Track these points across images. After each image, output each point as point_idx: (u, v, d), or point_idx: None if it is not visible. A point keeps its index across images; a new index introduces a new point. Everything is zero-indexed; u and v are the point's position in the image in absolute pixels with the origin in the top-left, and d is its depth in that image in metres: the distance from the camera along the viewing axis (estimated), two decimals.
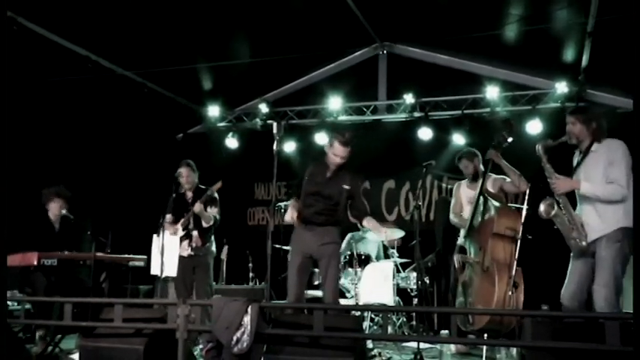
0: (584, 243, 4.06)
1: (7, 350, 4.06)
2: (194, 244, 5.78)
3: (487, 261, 4.79)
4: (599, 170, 4.06)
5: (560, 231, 4.22)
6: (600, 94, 7.69)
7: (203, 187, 5.96)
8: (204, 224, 5.80)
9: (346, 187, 4.71)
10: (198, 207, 5.67)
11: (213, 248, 5.99)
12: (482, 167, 5.51)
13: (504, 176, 5.30)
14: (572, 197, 4.26)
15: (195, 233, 5.79)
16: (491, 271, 4.72)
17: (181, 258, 5.75)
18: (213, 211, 5.88)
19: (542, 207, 4.20)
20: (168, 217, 5.87)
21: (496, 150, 5.01)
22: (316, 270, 7.20)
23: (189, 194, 5.93)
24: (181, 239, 5.78)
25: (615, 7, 5.65)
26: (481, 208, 5.01)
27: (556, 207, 4.12)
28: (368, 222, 4.82)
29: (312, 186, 4.74)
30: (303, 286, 4.85)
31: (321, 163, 4.81)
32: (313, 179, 4.77)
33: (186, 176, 5.87)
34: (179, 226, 5.78)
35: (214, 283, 6.26)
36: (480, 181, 5.08)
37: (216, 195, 5.89)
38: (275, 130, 4.58)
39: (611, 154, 4.05)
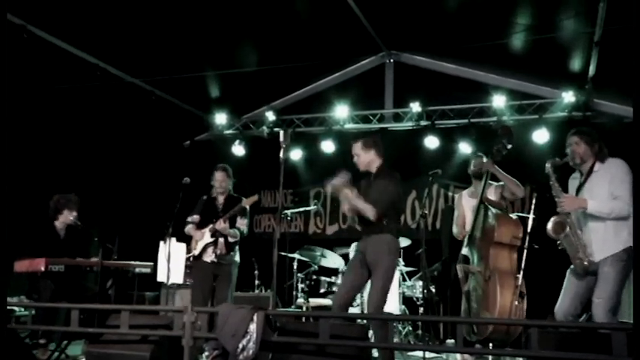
0: (586, 263, 4.09)
1: (14, 355, 4.08)
2: (218, 251, 5.69)
3: (489, 270, 4.78)
4: (604, 188, 4.10)
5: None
6: (607, 104, 7.69)
7: (236, 195, 5.91)
8: (230, 239, 5.75)
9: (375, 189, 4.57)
10: (220, 225, 5.63)
11: (237, 258, 5.87)
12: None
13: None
14: None
15: (221, 240, 5.70)
16: (493, 280, 4.70)
17: (204, 263, 5.72)
18: (242, 223, 5.81)
19: (550, 225, 4.22)
20: (196, 217, 5.85)
21: (494, 158, 5.01)
22: (323, 278, 7.29)
23: (221, 200, 5.87)
24: (207, 245, 5.73)
25: (622, 17, 5.65)
26: (481, 216, 5.00)
27: (567, 227, 4.13)
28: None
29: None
30: (353, 288, 4.65)
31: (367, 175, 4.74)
32: (360, 190, 4.65)
33: (220, 180, 5.81)
34: (207, 231, 5.73)
35: None
36: (481, 190, 5.07)
37: (247, 207, 5.82)
38: (282, 138, 4.58)
39: (613, 172, 4.11)
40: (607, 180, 4.09)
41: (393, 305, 6.47)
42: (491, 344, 4.67)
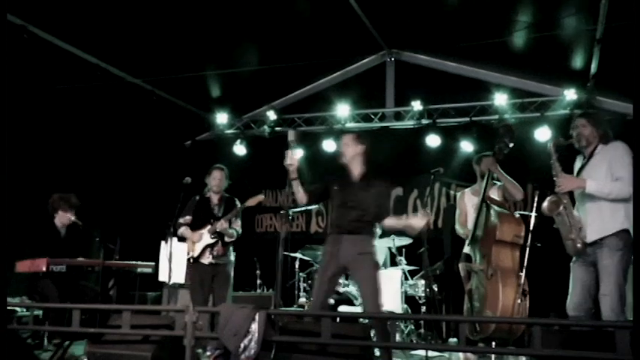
0: (579, 245, 4.06)
1: (16, 356, 4.08)
2: (215, 252, 5.68)
3: (491, 268, 4.77)
4: (602, 169, 4.08)
5: (559, 231, 4.22)
6: (609, 101, 7.66)
7: (228, 195, 5.91)
8: (227, 239, 5.75)
9: (374, 191, 4.43)
10: (221, 226, 5.62)
11: (233, 258, 5.87)
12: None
13: None
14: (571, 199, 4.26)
15: (219, 241, 5.71)
16: (495, 279, 4.71)
17: (201, 265, 5.70)
18: (237, 224, 5.83)
19: (546, 203, 4.19)
20: (188, 218, 5.82)
21: (496, 157, 4.99)
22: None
23: (215, 200, 5.86)
24: (207, 246, 5.69)
25: (624, 14, 5.63)
26: (484, 215, 4.99)
27: (562, 206, 4.11)
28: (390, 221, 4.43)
29: (340, 194, 4.49)
30: (327, 296, 4.47)
31: (344, 170, 4.59)
32: (340, 186, 4.54)
33: (218, 179, 5.82)
34: (205, 233, 5.71)
35: None
36: (483, 188, 5.06)
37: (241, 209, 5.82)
38: (291, 137, 4.54)
39: (613, 153, 4.09)
40: (607, 161, 4.08)
41: (395, 304, 6.46)
42: (494, 343, 4.66)
